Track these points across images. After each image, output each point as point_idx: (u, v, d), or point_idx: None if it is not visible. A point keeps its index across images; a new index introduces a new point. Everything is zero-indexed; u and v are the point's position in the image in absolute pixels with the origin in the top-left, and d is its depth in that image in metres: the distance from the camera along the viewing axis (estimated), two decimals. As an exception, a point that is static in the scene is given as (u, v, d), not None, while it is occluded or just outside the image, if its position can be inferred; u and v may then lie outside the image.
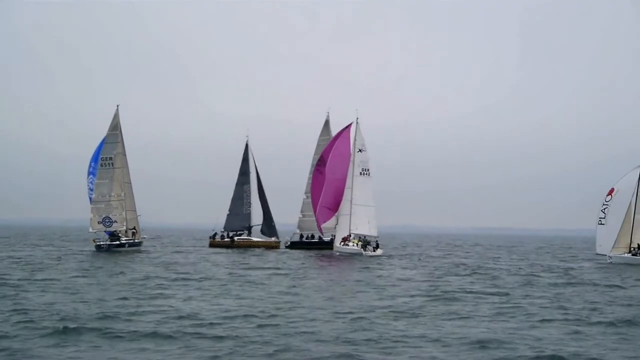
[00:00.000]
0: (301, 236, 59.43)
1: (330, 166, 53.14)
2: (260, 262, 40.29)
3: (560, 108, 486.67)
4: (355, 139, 52.74)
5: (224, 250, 54.23)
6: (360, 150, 52.23)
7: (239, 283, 26.55)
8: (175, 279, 27.50)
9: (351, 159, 52.10)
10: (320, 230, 54.91)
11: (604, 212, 45.44)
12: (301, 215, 59.82)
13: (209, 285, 25.27)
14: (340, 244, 50.52)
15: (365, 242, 49.18)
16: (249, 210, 60.15)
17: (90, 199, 49.57)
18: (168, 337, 14.62)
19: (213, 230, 60.96)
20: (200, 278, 28.17)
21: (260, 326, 16.18)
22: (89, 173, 50.95)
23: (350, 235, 50.29)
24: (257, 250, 54.12)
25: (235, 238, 58.81)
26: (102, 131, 50.56)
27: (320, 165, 54.34)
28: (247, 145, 60.96)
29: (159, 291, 22.99)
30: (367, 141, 52.68)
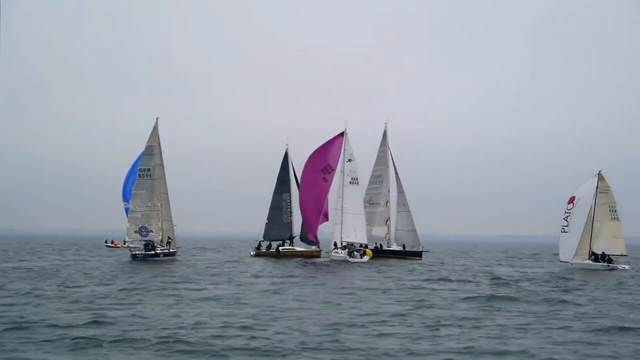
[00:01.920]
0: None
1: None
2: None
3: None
4: (344, 149, 54.46)
5: (279, 260, 53.38)
6: (349, 160, 54.18)
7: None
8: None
9: (340, 168, 54.01)
10: (316, 237, 56.55)
11: (566, 220, 45.90)
12: None
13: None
14: (332, 251, 53.01)
15: (351, 250, 51.22)
16: (290, 219, 60.00)
17: (127, 209, 50.72)
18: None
19: (256, 240, 60.99)
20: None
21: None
22: (125, 183, 52.26)
23: (341, 243, 52.99)
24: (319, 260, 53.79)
25: (280, 248, 58.67)
26: (104, 143, 51.63)
27: (326, 172, 54.93)
28: (286, 154, 60.83)
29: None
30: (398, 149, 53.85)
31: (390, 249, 59.11)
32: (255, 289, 27.61)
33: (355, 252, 50.92)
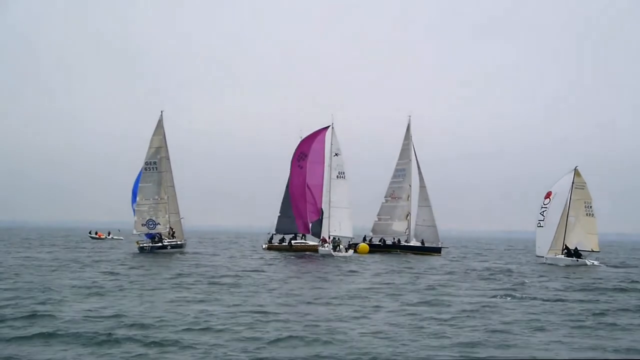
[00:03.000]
0: (364, 238, 59.78)
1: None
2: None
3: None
4: (331, 144, 54.53)
5: (288, 254, 52.77)
6: (336, 154, 54.22)
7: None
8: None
9: (328, 163, 54.06)
10: (307, 228, 55.93)
11: (542, 215, 45.72)
12: (377, 219, 60.23)
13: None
14: (320, 245, 52.76)
15: (336, 244, 51.02)
16: (302, 212, 59.37)
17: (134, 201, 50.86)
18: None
19: (269, 233, 60.71)
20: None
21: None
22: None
23: (330, 237, 52.53)
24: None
25: (293, 242, 58.16)
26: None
27: (300, 159, 55.43)
28: (300, 145, 60.31)
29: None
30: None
31: (409, 244, 58.17)
32: (246, 284, 26.81)
33: (340, 246, 50.71)
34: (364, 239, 59.52)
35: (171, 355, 13.16)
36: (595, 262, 44.09)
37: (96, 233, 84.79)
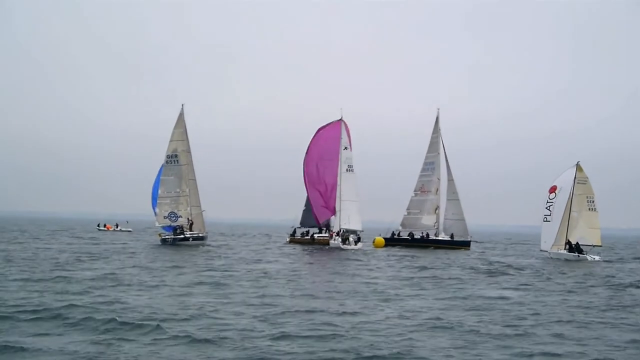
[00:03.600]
0: (392, 233, 59.99)
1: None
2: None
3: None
4: (341, 137, 54.77)
5: (307, 247, 52.91)
6: (345, 148, 54.47)
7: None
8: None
9: (338, 157, 54.28)
10: (317, 221, 57.29)
11: (549, 210, 45.51)
12: (406, 213, 60.57)
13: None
14: (331, 239, 53.11)
15: (345, 236, 51.22)
16: (327, 206, 59.18)
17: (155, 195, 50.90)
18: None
19: (292, 227, 61.02)
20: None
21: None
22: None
23: (340, 230, 52.97)
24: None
25: (315, 235, 57.96)
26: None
27: (306, 155, 56.50)
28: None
29: None
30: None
31: (437, 238, 57.58)
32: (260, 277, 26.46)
33: (350, 239, 50.85)
34: (392, 234, 59.18)
35: (176, 349, 12.95)
36: (597, 258, 43.86)
37: (104, 225, 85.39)
